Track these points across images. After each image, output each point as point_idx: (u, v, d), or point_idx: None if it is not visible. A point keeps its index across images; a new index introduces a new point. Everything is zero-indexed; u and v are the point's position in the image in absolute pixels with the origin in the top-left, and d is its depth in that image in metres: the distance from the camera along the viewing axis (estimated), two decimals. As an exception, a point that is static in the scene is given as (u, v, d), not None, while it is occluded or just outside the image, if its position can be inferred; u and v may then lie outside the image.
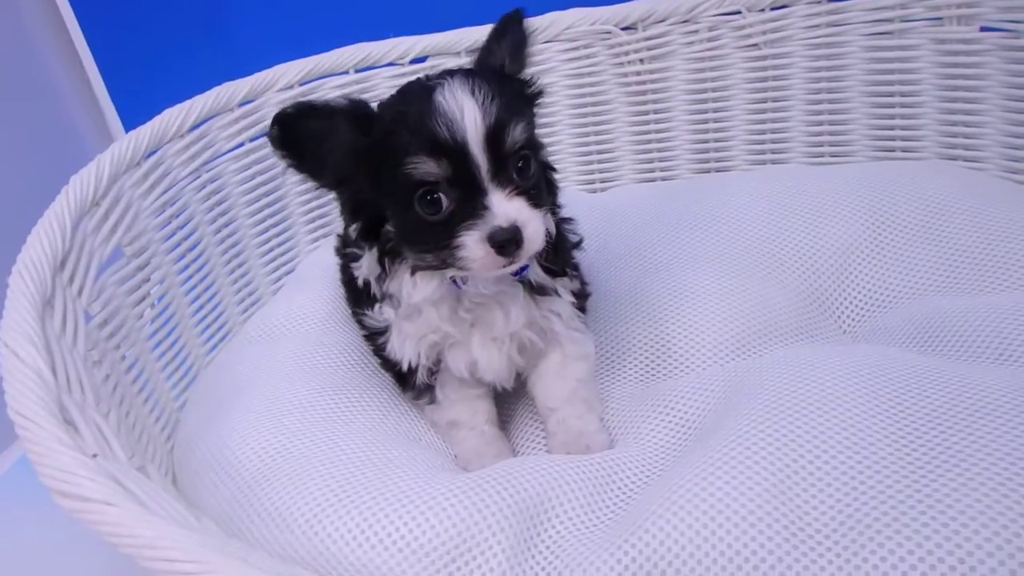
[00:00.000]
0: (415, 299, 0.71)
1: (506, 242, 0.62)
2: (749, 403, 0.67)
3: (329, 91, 1.18)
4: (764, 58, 1.16)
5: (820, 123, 1.16)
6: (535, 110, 0.72)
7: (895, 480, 0.57)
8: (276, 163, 1.12)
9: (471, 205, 0.63)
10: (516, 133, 0.64)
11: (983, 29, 1.01)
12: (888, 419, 0.62)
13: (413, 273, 0.70)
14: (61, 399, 0.61)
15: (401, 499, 0.63)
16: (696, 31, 1.16)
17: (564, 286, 0.76)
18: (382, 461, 0.70)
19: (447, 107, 0.62)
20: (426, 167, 0.62)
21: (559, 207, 0.77)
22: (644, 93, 1.22)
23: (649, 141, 1.24)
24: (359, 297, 0.79)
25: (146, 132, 0.96)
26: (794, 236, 0.96)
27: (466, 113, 0.62)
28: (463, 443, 0.77)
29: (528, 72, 0.74)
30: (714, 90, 1.19)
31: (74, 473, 0.52)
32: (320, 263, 1.14)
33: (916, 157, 1.10)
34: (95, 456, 0.56)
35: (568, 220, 0.79)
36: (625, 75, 1.21)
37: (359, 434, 0.74)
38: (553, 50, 1.22)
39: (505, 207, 0.63)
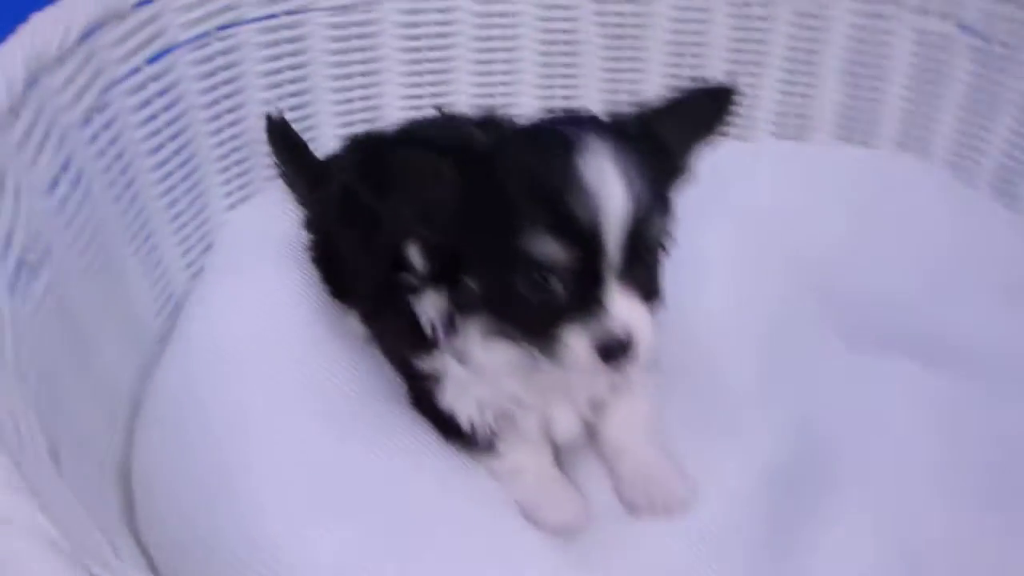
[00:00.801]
0: (484, 364, 0.60)
1: (617, 353, 0.53)
2: (839, 456, 0.67)
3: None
4: (748, 18, 1.08)
5: (792, 94, 1.13)
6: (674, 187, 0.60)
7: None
8: (183, 94, 0.84)
9: (586, 299, 0.53)
10: (661, 226, 0.54)
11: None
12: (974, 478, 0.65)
13: (486, 336, 0.59)
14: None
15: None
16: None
17: None
18: (487, 542, 0.58)
19: (590, 180, 0.50)
20: (548, 249, 0.51)
21: None
22: (622, 38, 1.09)
23: (617, 91, 1.13)
24: (413, 334, 0.62)
25: (16, 57, 0.62)
26: (793, 231, 0.94)
27: (612, 194, 0.51)
28: (531, 490, 0.67)
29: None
30: (694, 44, 1.10)
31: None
32: (249, 235, 0.89)
33: (874, 144, 1.12)
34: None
35: None
36: (603, 14, 1.07)
37: (423, 494, 0.61)
38: (523, 3, 1.03)
39: (624, 310, 0.53)
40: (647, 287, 0.56)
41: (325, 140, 1.00)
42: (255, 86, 0.93)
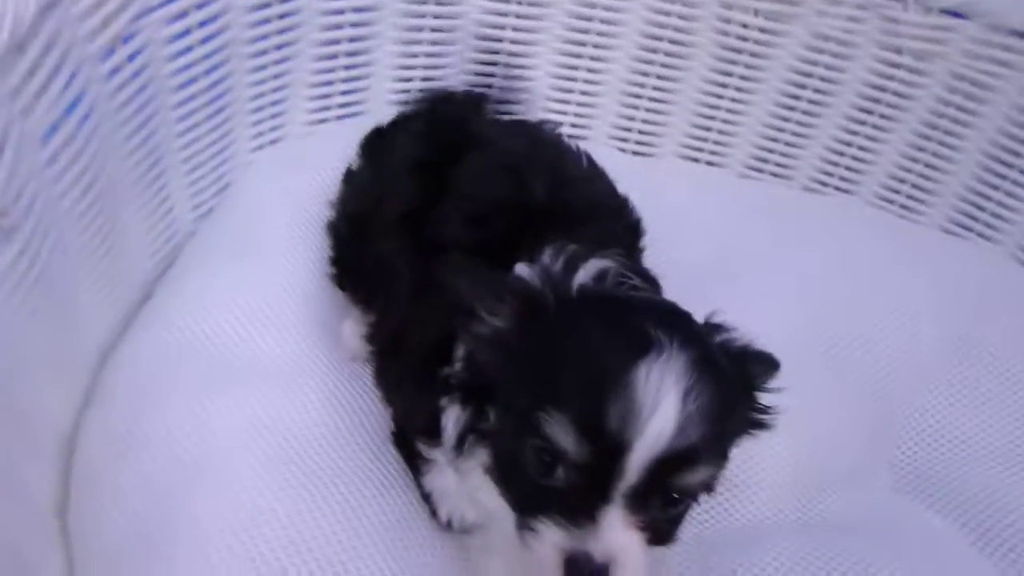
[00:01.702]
0: (476, 497, 0.55)
1: (584, 573, 0.45)
2: None
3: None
4: (898, 66, 0.91)
5: (916, 160, 0.98)
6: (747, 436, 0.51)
7: None
8: (228, 26, 0.75)
9: (580, 504, 0.45)
10: (697, 475, 0.45)
11: None
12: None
13: (486, 472, 0.53)
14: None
15: None
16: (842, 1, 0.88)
17: None
18: None
19: (639, 396, 0.43)
20: (562, 438, 0.44)
21: None
22: (739, 52, 0.94)
23: (717, 107, 0.98)
24: (427, 420, 0.57)
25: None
26: (872, 339, 0.82)
27: (655, 420, 0.43)
28: (495, 573, 0.62)
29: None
30: (823, 79, 0.94)
31: None
32: (267, 193, 0.82)
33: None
34: None
35: None
36: (728, 21, 0.91)
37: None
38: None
39: (614, 538, 0.45)
40: (659, 530, 0.47)
41: (380, 96, 0.91)
42: (313, 24, 0.83)
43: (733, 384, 0.48)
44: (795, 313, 0.82)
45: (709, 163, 1.02)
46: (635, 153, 1.01)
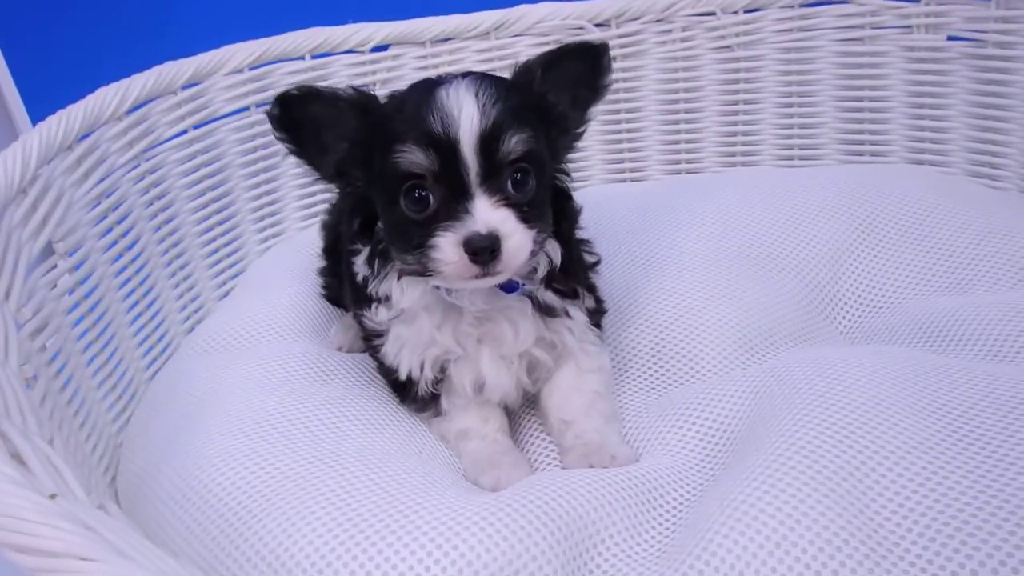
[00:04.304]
0: (403, 304, 0.68)
1: (481, 250, 0.59)
2: (786, 409, 0.64)
3: (282, 77, 1.08)
4: (736, 60, 1.15)
5: (791, 126, 1.17)
6: (561, 138, 0.68)
7: (959, 479, 0.55)
8: (223, 154, 1.03)
9: (454, 207, 0.60)
10: (513, 142, 0.60)
11: (950, 39, 1.04)
12: (934, 419, 0.60)
13: (400, 277, 0.67)
14: (1, 426, 0.49)
15: (425, 528, 0.55)
16: (670, 31, 1.14)
17: (576, 306, 0.71)
18: (390, 482, 0.61)
19: (445, 102, 0.59)
20: (413, 157, 0.59)
21: (578, 228, 0.74)
22: (616, 92, 1.19)
23: (620, 140, 1.21)
24: (359, 295, 0.71)
25: (79, 112, 0.82)
26: (780, 239, 0.95)
27: (464, 110, 0.59)
28: (474, 452, 0.70)
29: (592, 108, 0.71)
30: (686, 90, 1.17)
31: (33, 521, 0.41)
32: (274, 265, 1.04)
33: (884, 160, 1.13)
34: (54, 497, 0.45)
35: (585, 241, 0.75)
36: (597, 72, 1.18)
37: (354, 451, 0.65)
38: (523, 44, 1.16)
39: (487, 214, 0.59)
40: (522, 209, 0.60)
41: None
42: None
43: (518, 87, 0.64)
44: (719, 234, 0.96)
45: (632, 179, 1.22)
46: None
